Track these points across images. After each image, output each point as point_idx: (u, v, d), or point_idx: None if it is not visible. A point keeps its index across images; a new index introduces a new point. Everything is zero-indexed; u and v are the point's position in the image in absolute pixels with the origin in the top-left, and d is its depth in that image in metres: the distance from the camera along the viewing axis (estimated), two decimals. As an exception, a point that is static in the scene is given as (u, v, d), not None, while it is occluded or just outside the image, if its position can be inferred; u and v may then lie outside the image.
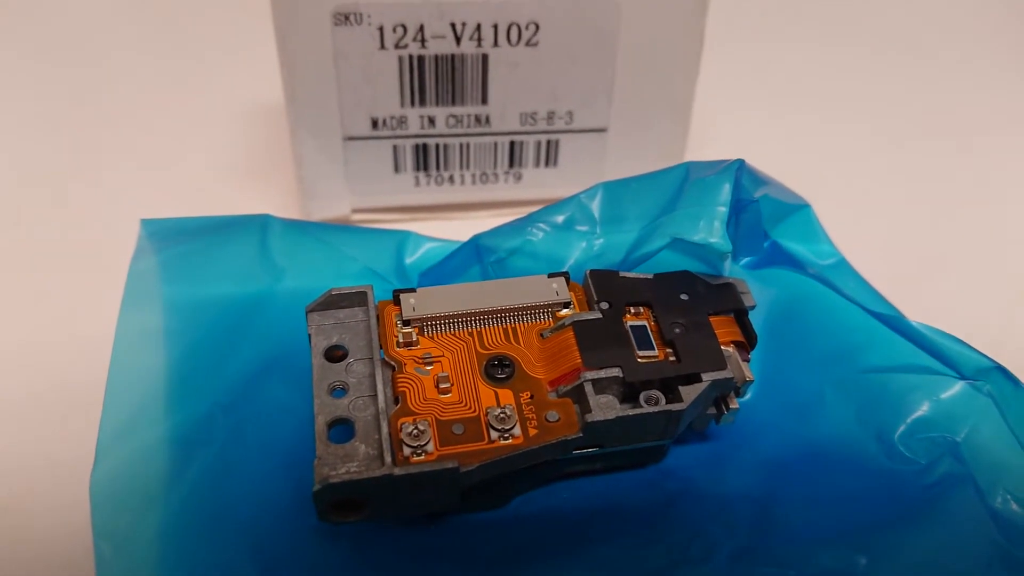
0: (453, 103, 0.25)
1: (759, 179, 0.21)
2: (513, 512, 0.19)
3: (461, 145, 0.26)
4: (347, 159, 0.25)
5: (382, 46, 0.23)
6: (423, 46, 0.23)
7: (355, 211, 0.27)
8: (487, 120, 0.25)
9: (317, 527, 0.18)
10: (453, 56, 0.24)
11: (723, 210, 0.19)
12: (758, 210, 0.20)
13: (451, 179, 0.26)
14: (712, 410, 0.19)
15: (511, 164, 0.26)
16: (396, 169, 0.26)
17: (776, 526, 0.18)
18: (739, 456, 0.20)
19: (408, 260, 0.23)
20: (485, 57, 0.24)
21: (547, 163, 0.26)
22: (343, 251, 0.22)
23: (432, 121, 0.25)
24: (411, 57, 0.24)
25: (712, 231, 0.19)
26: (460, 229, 0.26)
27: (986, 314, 0.25)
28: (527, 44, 0.24)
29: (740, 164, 0.20)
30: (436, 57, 0.24)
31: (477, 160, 0.26)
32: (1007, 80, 0.35)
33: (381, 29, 0.23)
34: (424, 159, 0.26)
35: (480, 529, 0.18)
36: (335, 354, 0.19)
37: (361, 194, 0.26)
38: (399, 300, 0.20)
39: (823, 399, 0.20)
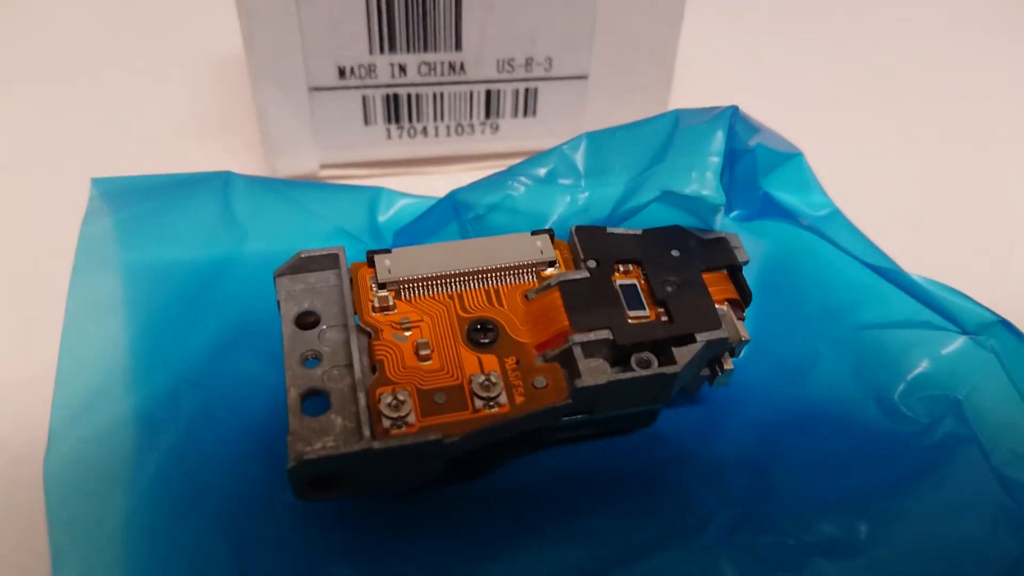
0: (425, 49, 0.23)
1: (752, 127, 0.20)
2: (497, 483, 0.18)
3: (435, 95, 0.24)
4: (313, 111, 0.24)
5: (347, -13, 0.22)
6: (392, -13, 0.22)
7: (324, 167, 0.25)
8: (461, 68, 0.24)
9: (294, 505, 0.17)
10: (424, -2, 0.22)
11: (716, 160, 0.18)
12: (754, 159, 0.19)
13: (424, 131, 0.25)
14: (706, 371, 0.19)
15: (488, 115, 0.25)
16: (366, 121, 0.24)
17: (773, 492, 0.17)
18: (732, 420, 0.19)
19: (381, 218, 0.22)
20: (458, -1, 0.22)
21: (526, 113, 0.25)
22: (312, 209, 0.21)
23: (403, 69, 0.23)
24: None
25: (705, 183, 0.18)
26: (436, 184, 0.25)
27: (985, 265, 0.24)
28: (503, -16, 0.22)
29: (734, 111, 0.18)
30: (406, -1, 0.22)
31: (452, 111, 0.24)
32: (1005, 25, 0.34)
33: (346, -31, 0.21)
34: (395, 110, 0.24)
35: (464, 501, 0.18)
36: (307, 321, 0.18)
37: (329, 148, 0.25)
38: (373, 262, 0.18)
39: (818, 358, 0.19)
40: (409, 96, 0.24)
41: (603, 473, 0.18)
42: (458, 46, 0.23)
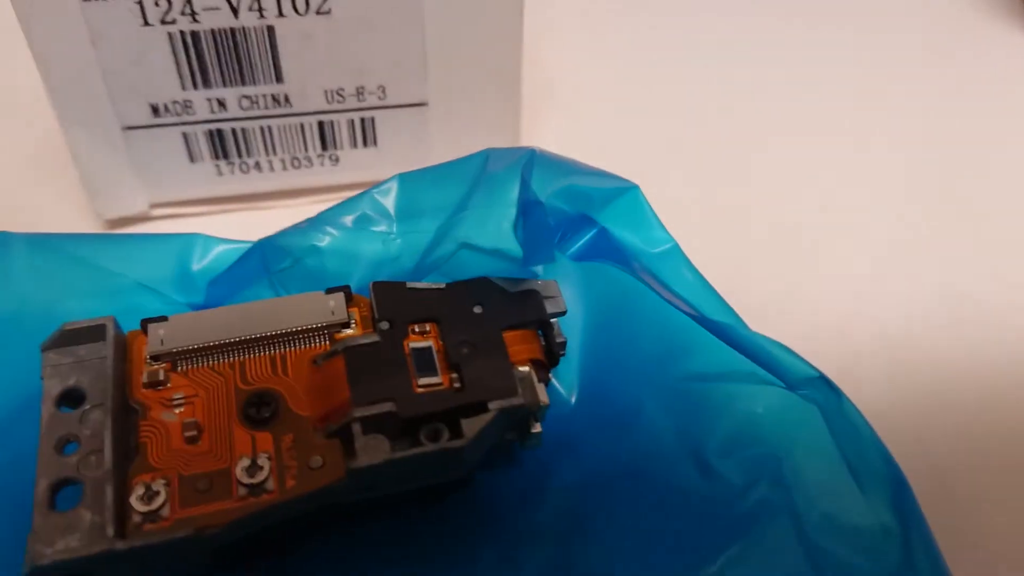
0: (243, 83, 0.22)
1: (563, 167, 0.18)
2: (291, 564, 0.17)
3: (262, 128, 0.23)
4: (131, 151, 0.22)
5: (145, 22, 0.20)
6: (195, 20, 0.20)
7: (154, 206, 0.24)
8: (287, 99, 0.22)
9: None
10: (233, 30, 0.21)
11: (512, 211, 0.17)
12: (543, 211, 0.17)
13: (257, 166, 0.23)
14: (513, 435, 0.17)
15: (324, 146, 0.23)
16: (191, 158, 0.23)
17: (573, 569, 0.16)
18: (548, 482, 0.18)
19: (196, 267, 0.21)
20: (271, 29, 0.21)
21: (365, 143, 0.24)
22: (108, 265, 0.19)
23: (223, 104, 0.22)
24: (182, 33, 0.21)
25: (500, 235, 0.17)
26: (279, 220, 0.23)
27: (829, 299, 0.23)
28: (317, 12, 0.21)
29: (530, 155, 0.17)
30: (213, 32, 0.21)
31: (284, 144, 0.23)
32: (841, 53, 0.32)
33: (141, 3, 0.20)
34: (222, 146, 0.23)
35: (245, 588, 0.16)
36: (74, 399, 0.17)
37: (156, 187, 0.23)
38: (147, 331, 0.17)
39: (642, 410, 0.18)
40: (234, 131, 0.23)
41: (400, 549, 0.17)
42: (279, 78, 0.22)
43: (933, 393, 0.21)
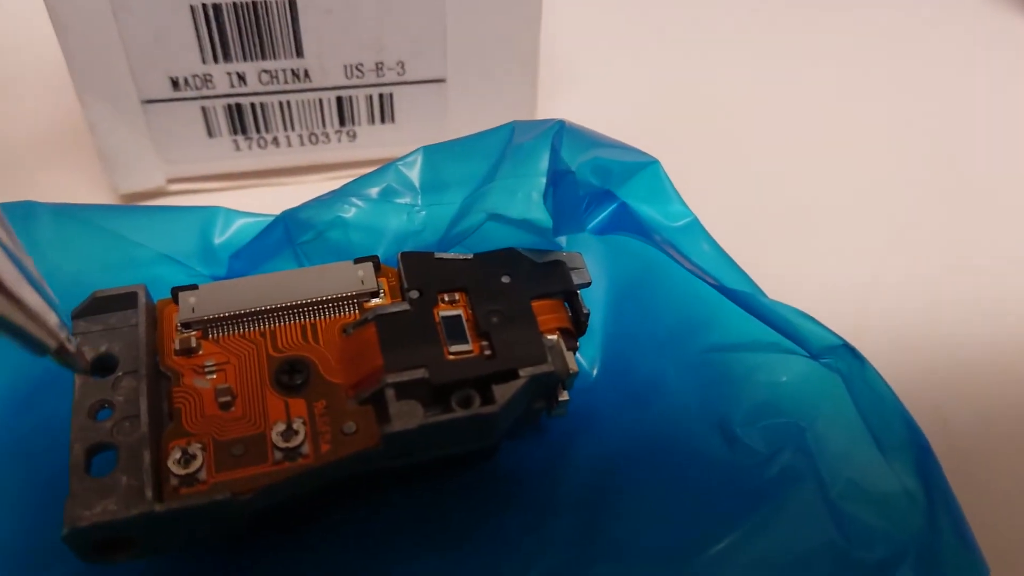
0: (263, 57, 0.22)
1: (589, 139, 0.18)
2: (314, 534, 0.17)
3: (281, 103, 0.23)
4: (150, 124, 0.22)
5: (167, -5, 0.20)
6: (217, -7, 0.20)
7: (171, 181, 0.24)
8: (306, 75, 0.22)
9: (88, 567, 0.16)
10: (255, 3, 0.21)
11: (542, 181, 0.17)
12: (575, 181, 0.18)
13: (275, 141, 0.23)
14: (541, 403, 0.18)
15: (342, 122, 0.23)
16: (210, 133, 0.23)
17: (598, 537, 0.16)
18: (573, 452, 0.18)
19: (217, 240, 0.21)
20: (292, 3, 0.21)
21: (383, 119, 0.24)
22: (133, 236, 0.19)
23: (242, 78, 0.22)
24: (204, 6, 0.21)
25: (530, 205, 0.17)
26: (294, 196, 0.23)
27: (845, 273, 0.23)
28: (339, -13, 0.21)
29: (560, 126, 0.17)
30: (235, 5, 0.21)
31: (302, 119, 0.23)
32: (875, 30, 0.32)
33: (164, -25, 0.20)
34: (240, 121, 0.23)
35: (276, 556, 0.16)
36: (107, 366, 0.17)
37: (174, 162, 0.23)
38: (178, 299, 0.17)
39: (665, 382, 0.18)
40: (253, 105, 0.23)
41: (430, 517, 0.17)
42: (299, 53, 0.22)
43: (950, 366, 0.21)
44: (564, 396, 0.17)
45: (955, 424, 0.20)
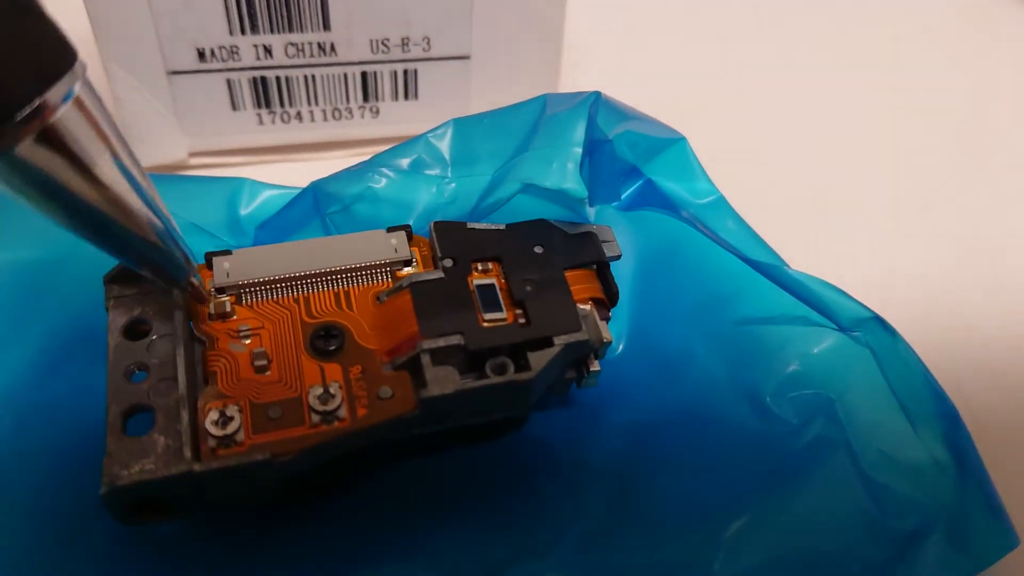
0: (290, 30, 0.22)
1: (622, 112, 0.18)
2: (348, 501, 0.17)
3: (306, 77, 0.23)
4: (174, 96, 0.22)
5: (198, -36, 0.20)
6: (247, -37, 0.20)
7: (193, 154, 0.24)
8: (332, 48, 0.22)
9: (117, 531, 0.16)
10: (284, -25, 0.21)
11: (578, 151, 0.17)
12: (612, 151, 0.18)
13: (299, 116, 0.23)
14: (572, 373, 0.18)
15: (366, 98, 0.23)
16: (234, 106, 0.23)
17: (632, 503, 0.16)
18: (603, 423, 0.18)
19: (243, 211, 0.21)
20: (321, -25, 0.21)
21: (407, 95, 0.24)
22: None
23: (269, 51, 0.22)
24: (234, -23, 0.21)
25: (566, 175, 0.17)
26: (315, 171, 0.23)
27: (867, 254, 0.23)
28: (369, -40, 0.21)
29: (596, 97, 0.17)
30: (264, -24, 0.21)
31: (326, 94, 0.23)
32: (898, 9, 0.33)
33: (194, -56, 0.20)
34: (265, 94, 0.23)
35: (309, 522, 0.16)
36: (140, 330, 0.17)
37: (197, 135, 0.23)
38: (212, 264, 0.17)
39: (694, 355, 0.19)
40: (278, 79, 0.23)
41: (463, 484, 0.17)
42: (326, 26, 0.22)
43: (971, 345, 0.21)
44: (595, 366, 0.17)
45: (976, 403, 0.21)
